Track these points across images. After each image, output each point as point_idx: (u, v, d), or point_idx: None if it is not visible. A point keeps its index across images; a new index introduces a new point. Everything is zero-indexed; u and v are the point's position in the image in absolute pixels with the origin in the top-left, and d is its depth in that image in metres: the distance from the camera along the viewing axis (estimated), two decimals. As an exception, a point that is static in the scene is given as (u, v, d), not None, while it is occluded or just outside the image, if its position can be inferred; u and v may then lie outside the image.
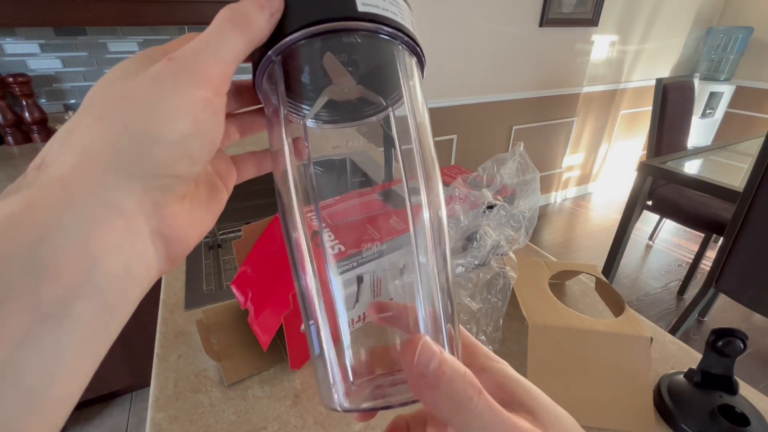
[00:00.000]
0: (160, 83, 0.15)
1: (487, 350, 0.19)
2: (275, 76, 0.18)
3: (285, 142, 0.18)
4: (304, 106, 0.20)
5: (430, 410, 0.16)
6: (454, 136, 2.23)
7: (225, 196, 0.21)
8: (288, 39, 0.17)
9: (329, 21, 0.16)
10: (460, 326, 0.20)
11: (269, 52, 0.17)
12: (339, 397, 0.17)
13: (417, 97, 0.19)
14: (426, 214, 0.18)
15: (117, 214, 0.14)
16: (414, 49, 0.19)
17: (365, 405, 0.17)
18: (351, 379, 0.18)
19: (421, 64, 0.20)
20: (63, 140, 0.15)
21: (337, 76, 0.18)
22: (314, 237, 0.19)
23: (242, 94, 0.21)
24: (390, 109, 0.19)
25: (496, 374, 0.17)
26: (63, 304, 0.12)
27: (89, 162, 0.14)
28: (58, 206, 0.13)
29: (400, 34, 0.17)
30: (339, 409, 0.17)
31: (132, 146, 0.14)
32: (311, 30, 0.16)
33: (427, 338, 0.16)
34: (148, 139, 0.14)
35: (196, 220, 0.18)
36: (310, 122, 0.20)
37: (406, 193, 0.18)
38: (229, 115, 0.21)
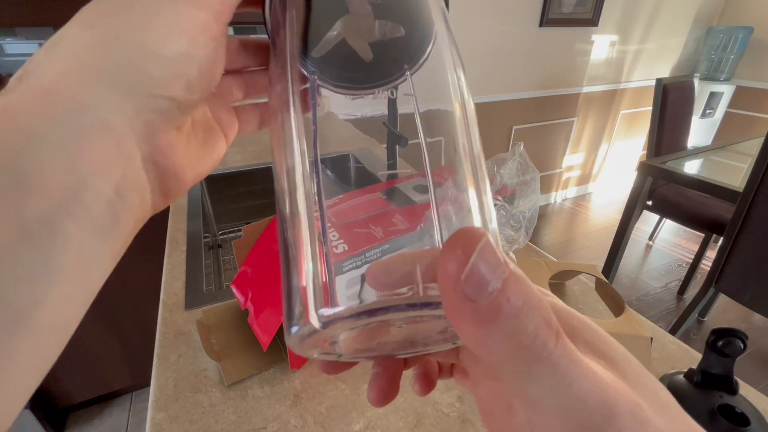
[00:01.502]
0: None
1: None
2: None
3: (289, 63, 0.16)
4: (312, 65, 0.17)
5: (469, 345, 0.11)
6: (454, 136, 2.23)
7: (224, 146, 0.20)
8: None
9: None
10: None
11: None
12: (316, 305, 0.12)
13: (452, 37, 0.17)
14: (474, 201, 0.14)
15: (105, 130, 0.13)
16: None
17: (359, 306, 0.12)
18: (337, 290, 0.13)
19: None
20: (48, 50, 0.13)
21: (355, 4, 0.16)
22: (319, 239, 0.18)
23: (249, 52, 0.21)
24: (408, 73, 0.17)
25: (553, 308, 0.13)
26: (49, 222, 0.11)
27: (75, 71, 0.13)
28: (39, 115, 0.12)
29: None
30: (317, 324, 0.12)
31: (124, 57, 0.13)
32: None
33: (489, 236, 0.10)
34: (142, 51, 0.13)
35: (192, 159, 0.17)
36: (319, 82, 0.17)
37: (429, 178, 0.16)
38: (234, 72, 0.21)
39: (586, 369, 0.10)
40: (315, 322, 0.12)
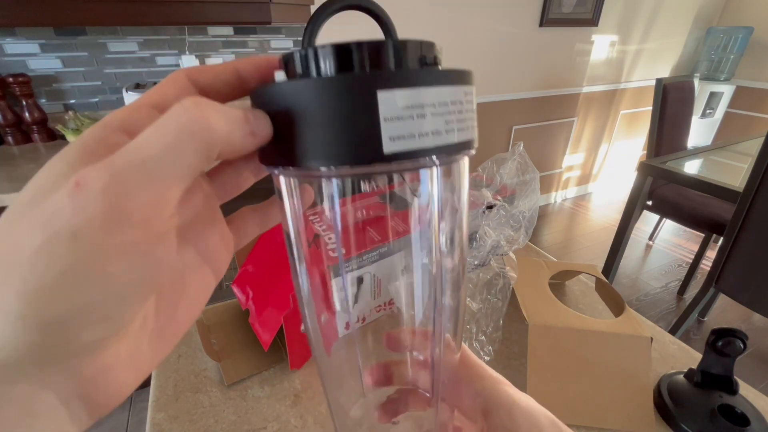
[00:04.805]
0: (48, 225, 0.10)
1: (495, 374, 0.20)
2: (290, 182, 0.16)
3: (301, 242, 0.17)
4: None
5: None
6: (454, 136, 2.23)
7: (210, 286, 0.15)
8: (290, 170, 0.15)
9: (346, 164, 0.13)
10: (467, 350, 0.21)
11: (275, 170, 0.15)
12: None
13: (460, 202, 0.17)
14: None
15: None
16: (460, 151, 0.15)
17: None
18: None
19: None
20: None
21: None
22: (315, 240, 0.18)
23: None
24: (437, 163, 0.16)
25: (489, 400, 0.18)
26: None
27: None
28: None
29: (436, 159, 0.14)
30: None
31: None
32: (323, 172, 0.14)
33: None
34: (13, 308, 0.10)
35: (145, 356, 0.13)
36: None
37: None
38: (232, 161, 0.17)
39: None
40: None
